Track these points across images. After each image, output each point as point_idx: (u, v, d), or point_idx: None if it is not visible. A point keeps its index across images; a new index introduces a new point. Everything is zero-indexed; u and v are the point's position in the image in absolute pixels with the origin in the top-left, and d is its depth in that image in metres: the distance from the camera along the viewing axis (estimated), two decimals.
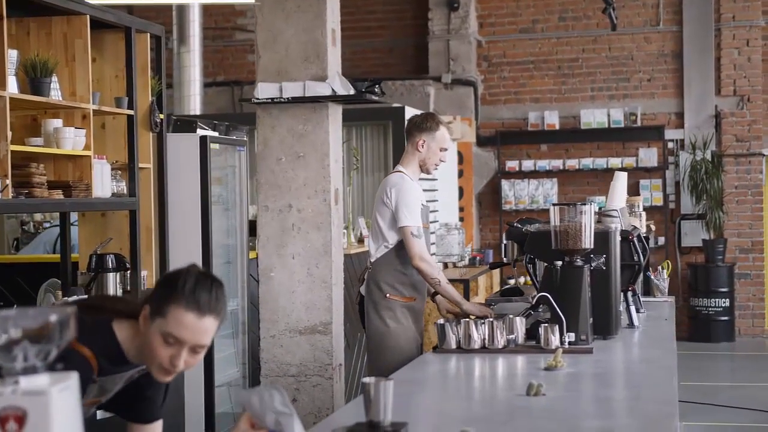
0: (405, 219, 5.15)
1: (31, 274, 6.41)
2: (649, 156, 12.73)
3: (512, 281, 12.13)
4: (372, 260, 5.35)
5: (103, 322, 2.70)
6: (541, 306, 4.46)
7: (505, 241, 5.22)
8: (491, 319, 4.36)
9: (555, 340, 4.21)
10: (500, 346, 4.27)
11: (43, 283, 5.94)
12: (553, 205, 4.51)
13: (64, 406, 1.76)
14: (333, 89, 5.85)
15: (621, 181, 5.58)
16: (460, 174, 12.45)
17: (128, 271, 5.65)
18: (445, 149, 5.37)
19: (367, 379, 2.75)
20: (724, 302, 12.33)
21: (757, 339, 12.60)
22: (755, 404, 8.79)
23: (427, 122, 5.35)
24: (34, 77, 4.85)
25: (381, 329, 5.24)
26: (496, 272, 11.47)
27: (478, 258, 11.13)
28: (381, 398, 2.74)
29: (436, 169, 5.46)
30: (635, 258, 5.05)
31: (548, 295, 4.35)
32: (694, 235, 12.67)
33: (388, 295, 5.23)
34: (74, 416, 1.80)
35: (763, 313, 12.76)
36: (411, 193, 5.21)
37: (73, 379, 1.80)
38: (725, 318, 12.36)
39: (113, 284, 5.49)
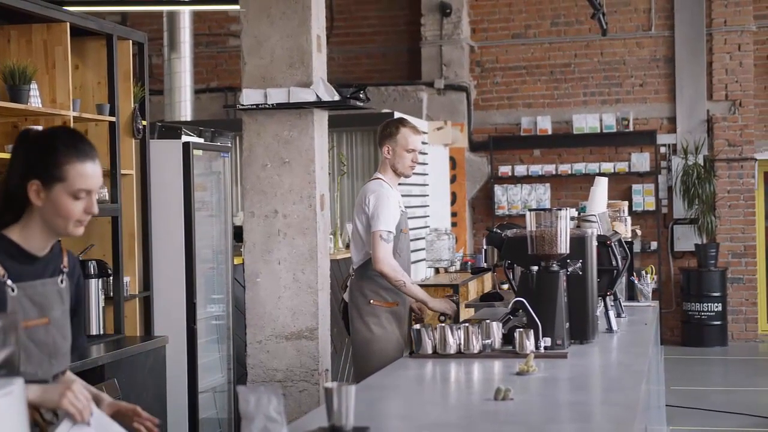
0: (377, 224, 5.24)
1: None
2: (641, 161, 12.74)
3: (506, 286, 12.14)
4: (354, 267, 5.40)
5: None
6: (519, 311, 4.47)
7: (485, 246, 5.24)
8: (467, 324, 4.37)
9: (530, 345, 4.22)
10: (476, 351, 4.28)
11: None
12: (530, 210, 4.53)
13: (7, 410, 1.78)
14: (317, 95, 5.86)
15: (601, 186, 5.59)
16: (453, 179, 12.47)
17: (110, 278, 5.66)
18: (413, 150, 5.40)
19: (328, 384, 2.78)
20: (717, 307, 12.34)
21: (749, 343, 12.60)
22: (746, 408, 8.80)
23: (387, 128, 5.46)
24: (12, 84, 4.87)
25: (366, 336, 5.28)
26: (488, 277, 11.48)
27: (470, 263, 11.13)
28: (343, 403, 2.76)
29: (413, 169, 5.48)
30: (613, 263, 5.06)
31: (524, 300, 4.37)
32: (686, 239, 12.68)
33: (372, 301, 5.28)
34: (21, 420, 1.81)
35: (755, 317, 12.76)
36: (388, 200, 5.28)
37: (17, 385, 1.82)
38: (718, 322, 12.37)
39: (95, 291, 5.50)
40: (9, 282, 2.67)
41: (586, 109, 13.01)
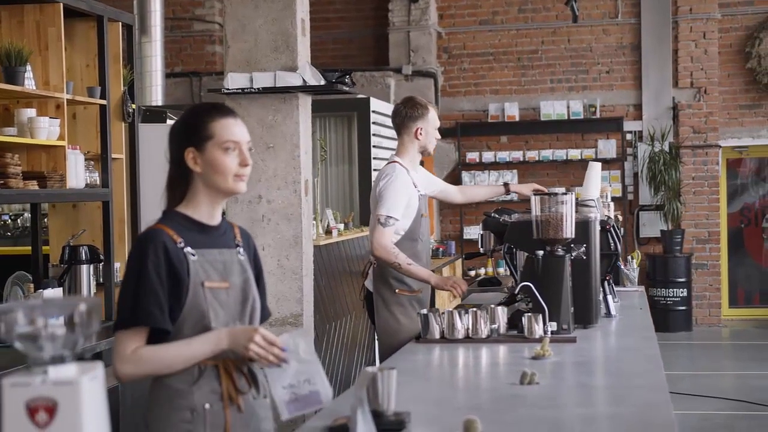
0: (378, 207, 5.12)
1: (0, 266, 6.32)
2: (608, 147, 12.83)
3: (482, 271, 12.20)
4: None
5: (165, 212, 2.94)
6: (519, 295, 4.47)
7: (481, 232, 5.21)
8: (474, 309, 4.36)
9: (539, 330, 4.23)
10: (484, 336, 4.28)
11: (10, 275, 5.85)
12: (535, 194, 4.53)
13: (93, 395, 1.74)
14: (304, 79, 5.83)
15: (595, 170, 5.60)
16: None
17: (101, 263, 5.58)
18: (437, 127, 5.47)
19: (370, 369, 2.75)
20: (682, 292, 12.47)
21: (713, 328, 12.76)
22: (713, 392, 8.92)
23: (417, 109, 5.37)
24: (8, 66, 4.77)
25: (393, 326, 5.13)
26: (458, 263, 11.51)
27: (441, 249, 11.15)
28: (385, 387, 2.75)
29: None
30: (612, 247, 5.08)
31: (531, 285, 4.37)
32: (652, 225, 12.81)
33: (397, 290, 5.16)
34: (102, 405, 1.78)
35: (719, 302, 12.92)
36: (397, 183, 5.16)
37: (99, 368, 1.78)
38: (683, 308, 12.51)
39: (86, 276, 5.42)
40: (188, 249, 2.85)
41: (554, 95, 13.06)
